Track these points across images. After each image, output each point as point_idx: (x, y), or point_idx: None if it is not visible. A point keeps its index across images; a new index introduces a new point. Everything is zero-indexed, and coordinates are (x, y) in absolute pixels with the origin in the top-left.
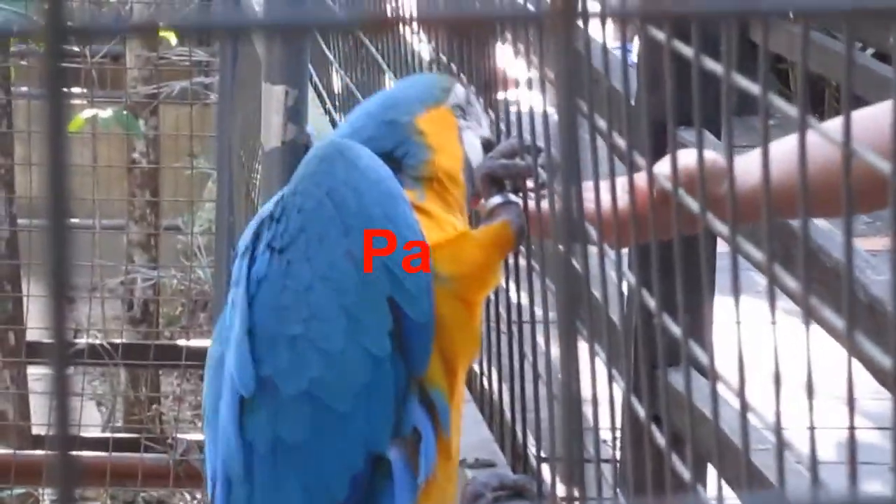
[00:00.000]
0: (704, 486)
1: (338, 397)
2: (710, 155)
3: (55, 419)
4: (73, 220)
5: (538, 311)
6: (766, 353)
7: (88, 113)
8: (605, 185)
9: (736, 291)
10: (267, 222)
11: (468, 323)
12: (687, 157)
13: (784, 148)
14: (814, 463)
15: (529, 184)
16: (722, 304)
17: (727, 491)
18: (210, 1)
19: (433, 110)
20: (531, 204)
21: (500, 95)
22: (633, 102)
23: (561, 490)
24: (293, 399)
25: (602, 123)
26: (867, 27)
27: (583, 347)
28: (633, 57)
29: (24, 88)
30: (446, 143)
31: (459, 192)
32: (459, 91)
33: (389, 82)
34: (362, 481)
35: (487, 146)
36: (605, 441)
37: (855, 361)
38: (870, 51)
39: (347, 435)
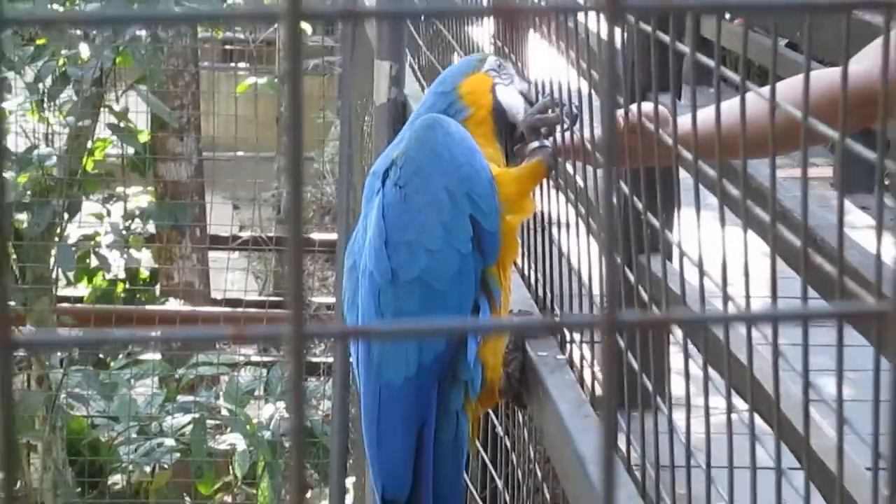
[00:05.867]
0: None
1: (439, 280)
2: (656, 107)
3: (291, 296)
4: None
5: (562, 217)
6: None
7: (251, 80)
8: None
9: (697, 205)
10: (393, 167)
11: (510, 234)
12: (646, 106)
13: (724, 109)
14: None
15: (559, 129)
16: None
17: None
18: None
19: (471, 76)
20: (559, 140)
21: (538, 69)
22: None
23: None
24: (409, 283)
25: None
26: (784, 25)
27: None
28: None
29: (206, 63)
30: (480, 98)
31: (489, 128)
32: (492, 59)
33: (456, 58)
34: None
35: (525, 97)
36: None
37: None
38: (782, 41)
39: (446, 305)
